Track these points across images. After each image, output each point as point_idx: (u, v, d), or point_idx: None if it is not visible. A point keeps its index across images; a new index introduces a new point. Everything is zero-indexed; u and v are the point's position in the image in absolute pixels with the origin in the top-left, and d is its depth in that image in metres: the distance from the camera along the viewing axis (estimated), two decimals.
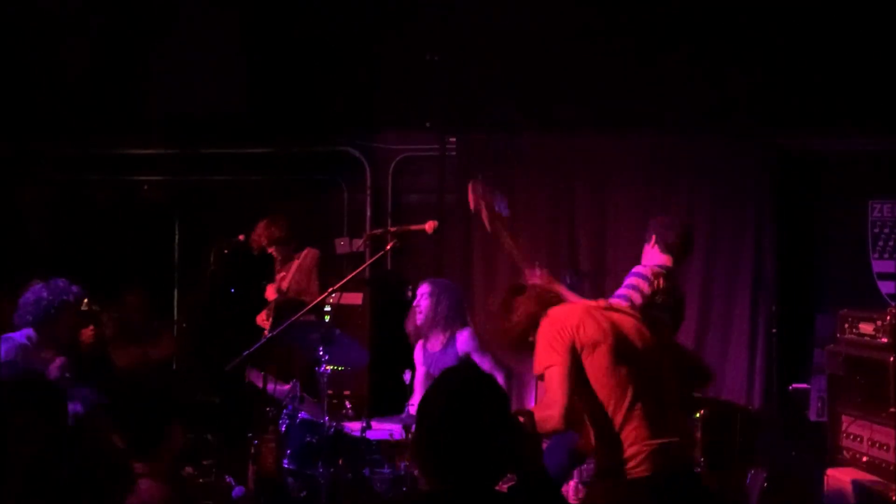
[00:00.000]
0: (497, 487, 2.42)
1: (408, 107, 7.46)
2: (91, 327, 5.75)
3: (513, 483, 2.64)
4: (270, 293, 6.61)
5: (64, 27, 7.30)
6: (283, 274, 6.81)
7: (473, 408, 2.39)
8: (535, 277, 4.12)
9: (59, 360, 4.64)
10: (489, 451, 2.36)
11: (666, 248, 5.01)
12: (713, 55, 6.82)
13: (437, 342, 5.79)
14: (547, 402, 3.31)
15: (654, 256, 5.03)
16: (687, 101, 6.97)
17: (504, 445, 2.39)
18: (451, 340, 5.73)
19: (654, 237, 5.04)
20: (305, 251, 6.86)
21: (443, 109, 7.38)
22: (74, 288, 4.76)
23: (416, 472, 4.71)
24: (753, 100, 6.99)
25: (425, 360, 5.85)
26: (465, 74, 7.25)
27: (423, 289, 5.81)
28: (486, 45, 7.10)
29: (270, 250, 6.76)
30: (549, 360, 3.36)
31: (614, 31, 6.81)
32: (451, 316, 5.72)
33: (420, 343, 5.90)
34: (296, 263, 6.79)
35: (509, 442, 2.41)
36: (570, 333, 3.39)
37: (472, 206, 4.66)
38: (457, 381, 2.48)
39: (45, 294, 4.65)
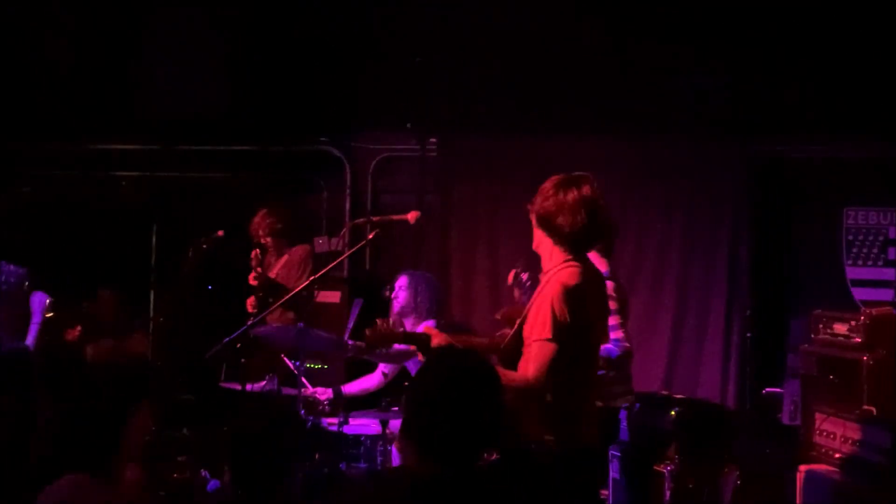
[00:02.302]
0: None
1: (388, 107, 7.48)
2: (78, 328, 5.71)
3: (494, 458, 2.66)
4: (252, 279, 6.58)
5: (42, 22, 7.28)
6: (269, 262, 6.78)
7: (464, 387, 2.42)
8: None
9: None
10: (478, 431, 2.39)
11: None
12: (690, 58, 6.90)
13: None
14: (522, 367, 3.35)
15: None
16: (662, 104, 7.04)
17: (492, 425, 2.42)
18: None
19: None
20: (297, 247, 6.84)
21: (424, 110, 7.40)
22: (16, 271, 4.63)
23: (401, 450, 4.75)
24: (729, 105, 7.07)
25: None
26: (445, 75, 7.28)
27: (402, 281, 5.81)
28: (466, 46, 7.16)
29: (266, 240, 6.72)
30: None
31: (591, 33, 6.88)
32: (430, 308, 5.73)
33: None
34: (284, 258, 6.77)
35: (497, 421, 2.44)
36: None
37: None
38: (448, 361, 2.51)
39: None
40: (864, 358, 4.54)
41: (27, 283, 4.71)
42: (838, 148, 7.13)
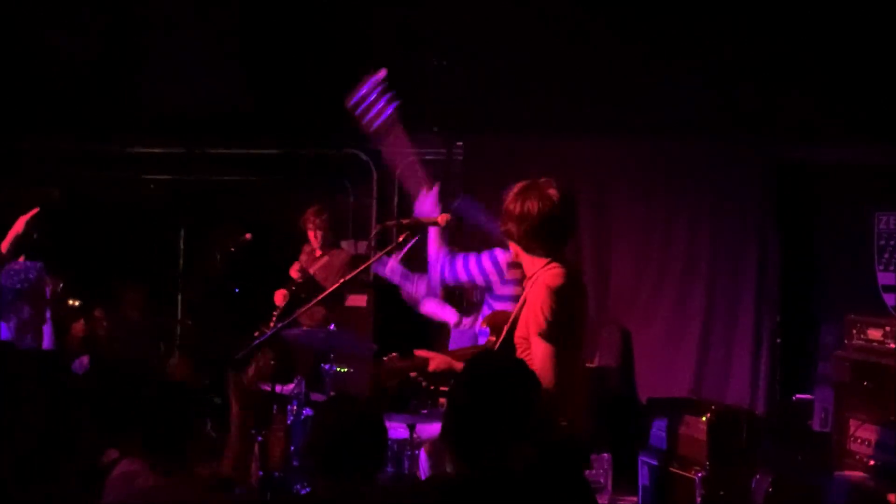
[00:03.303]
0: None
1: (415, 111, 7.46)
2: (81, 321, 5.73)
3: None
4: (294, 271, 6.57)
5: (70, 24, 7.32)
6: (307, 255, 6.77)
7: (502, 393, 2.42)
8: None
9: (84, 358, 4.61)
10: (516, 436, 2.39)
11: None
12: (716, 63, 6.85)
13: None
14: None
15: None
16: (689, 109, 6.99)
17: (524, 425, 2.40)
18: None
19: None
20: (339, 251, 6.84)
21: (450, 113, 7.39)
22: (34, 266, 4.60)
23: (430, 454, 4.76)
24: (756, 108, 7.02)
25: None
26: (471, 79, 7.27)
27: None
28: (492, 50, 7.15)
29: (314, 233, 6.71)
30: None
31: (619, 37, 6.85)
32: None
33: None
34: (325, 259, 6.76)
35: (530, 421, 2.43)
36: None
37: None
38: (487, 365, 2.51)
39: (8, 282, 4.47)
40: None
41: (46, 278, 4.73)
42: (867, 152, 7.05)
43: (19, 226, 4.89)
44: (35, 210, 4.90)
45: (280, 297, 6.32)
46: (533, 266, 3.56)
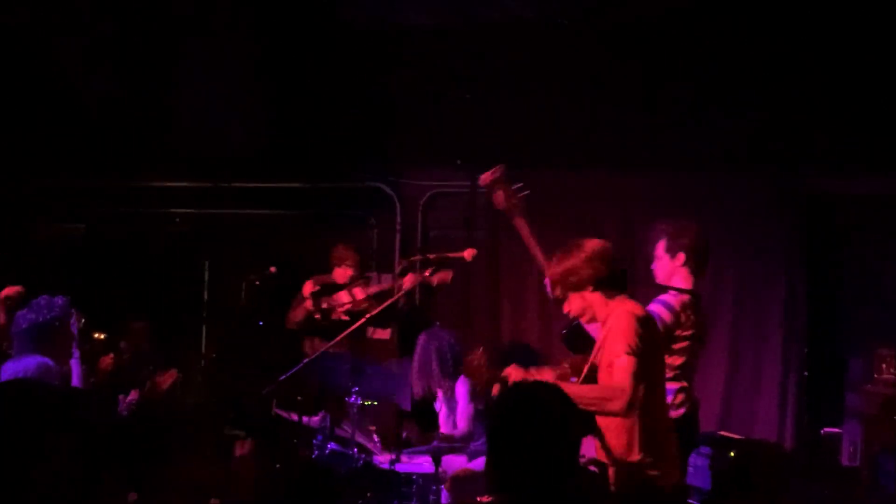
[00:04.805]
0: None
1: (438, 144, 7.50)
2: (111, 355, 5.76)
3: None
4: (308, 287, 6.57)
5: (94, 63, 7.41)
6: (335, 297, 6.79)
7: (539, 424, 2.42)
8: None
9: (133, 395, 4.64)
10: (554, 466, 2.38)
11: (697, 269, 4.52)
12: (740, 91, 6.84)
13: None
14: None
15: (681, 278, 4.53)
16: (713, 139, 6.97)
17: (567, 459, 2.41)
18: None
19: (682, 255, 4.53)
20: (371, 285, 6.86)
21: (473, 146, 7.41)
22: (59, 300, 4.67)
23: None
24: (782, 139, 6.98)
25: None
26: (494, 112, 7.29)
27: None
28: (515, 84, 7.17)
29: (349, 270, 6.73)
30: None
31: (645, 71, 6.86)
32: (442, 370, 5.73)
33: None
34: (358, 289, 6.76)
35: (572, 454, 2.44)
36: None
37: (482, 181, 4.65)
38: (522, 397, 2.52)
39: (36, 317, 4.56)
40: None
41: (72, 311, 4.77)
42: (894, 184, 7.00)
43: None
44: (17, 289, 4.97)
45: (309, 287, 6.31)
46: (605, 307, 3.76)
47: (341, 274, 6.72)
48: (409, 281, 5.96)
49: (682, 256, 4.53)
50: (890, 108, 6.61)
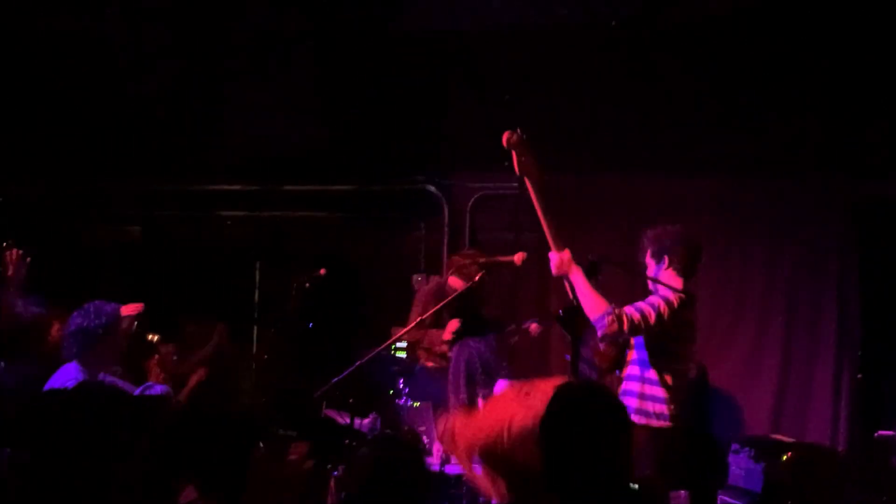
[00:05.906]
0: None
1: (486, 145, 7.49)
2: (155, 357, 5.84)
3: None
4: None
5: (147, 67, 7.53)
6: None
7: (594, 425, 2.42)
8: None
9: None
10: (610, 468, 2.39)
11: (684, 270, 4.77)
12: (793, 96, 6.77)
13: None
14: None
15: (669, 280, 4.75)
16: (764, 144, 6.91)
17: (623, 460, 2.42)
18: None
19: (666, 258, 4.78)
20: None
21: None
22: (108, 307, 4.67)
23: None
24: (836, 143, 6.90)
25: None
26: (544, 114, 7.28)
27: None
28: (565, 85, 7.15)
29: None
30: None
31: (693, 75, 6.81)
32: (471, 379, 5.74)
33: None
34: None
35: (627, 456, 2.44)
36: None
37: (504, 142, 4.60)
38: (577, 398, 2.51)
39: (83, 322, 4.58)
40: None
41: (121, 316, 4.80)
42: None
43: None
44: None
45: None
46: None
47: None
48: (534, 329, 5.98)
49: (666, 259, 4.79)
50: None
